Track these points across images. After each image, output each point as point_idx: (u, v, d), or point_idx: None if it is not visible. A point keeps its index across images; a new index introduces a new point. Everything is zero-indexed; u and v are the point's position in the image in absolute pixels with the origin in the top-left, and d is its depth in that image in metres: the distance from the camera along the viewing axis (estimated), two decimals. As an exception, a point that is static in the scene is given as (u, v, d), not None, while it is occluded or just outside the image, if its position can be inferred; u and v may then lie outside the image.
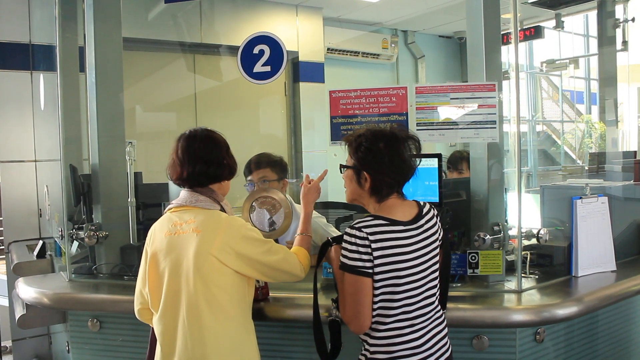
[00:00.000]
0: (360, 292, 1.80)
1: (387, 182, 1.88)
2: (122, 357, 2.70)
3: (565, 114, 10.44)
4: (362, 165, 1.88)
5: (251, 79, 2.72)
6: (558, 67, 7.53)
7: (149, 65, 5.05)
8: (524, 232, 2.43)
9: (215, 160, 2.04)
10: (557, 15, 6.30)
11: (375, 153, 1.86)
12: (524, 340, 2.27)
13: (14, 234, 4.19)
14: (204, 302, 1.90)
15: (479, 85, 2.31)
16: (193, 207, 1.98)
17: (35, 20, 4.19)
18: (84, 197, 3.14)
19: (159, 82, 5.12)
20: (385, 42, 6.53)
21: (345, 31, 6.24)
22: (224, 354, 1.93)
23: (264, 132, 5.84)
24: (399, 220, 1.84)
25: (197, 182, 2.02)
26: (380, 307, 1.82)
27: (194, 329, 1.91)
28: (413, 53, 6.98)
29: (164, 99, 5.22)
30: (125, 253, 3.02)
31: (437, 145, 3.89)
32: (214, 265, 1.89)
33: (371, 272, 1.78)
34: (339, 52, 6.23)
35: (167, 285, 1.95)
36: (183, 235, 1.94)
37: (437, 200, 2.32)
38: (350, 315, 1.84)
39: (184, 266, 1.92)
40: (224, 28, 5.14)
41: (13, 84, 4.20)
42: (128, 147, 3.08)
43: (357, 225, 1.80)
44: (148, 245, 2.04)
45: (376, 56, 6.55)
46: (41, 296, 2.74)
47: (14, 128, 4.21)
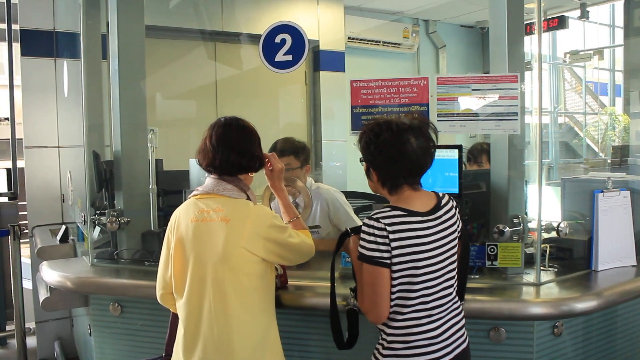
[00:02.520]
0: (378, 282, 1.81)
1: (390, 175, 1.87)
2: (142, 341, 2.75)
3: (588, 106, 10.29)
4: (366, 159, 1.90)
5: (273, 68, 2.72)
6: (582, 58, 7.42)
7: (170, 53, 5.08)
8: (543, 225, 2.41)
9: (249, 151, 2.06)
10: (582, 5, 6.20)
11: (375, 147, 1.85)
12: (541, 333, 2.26)
13: (37, 218, 4.26)
14: (231, 289, 1.93)
15: (501, 77, 2.29)
16: (220, 196, 2.00)
17: (60, 7, 4.23)
18: (107, 183, 3.19)
19: (180, 70, 5.15)
20: (406, 31, 6.48)
21: (367, 20, 6.20)
22: (249, 340, 1.96)
23: (283, 121, 5.85)
24: (417, 211, 1.84)
25: (228, 171, 2.04)
26: (398, 297, 1.83)
27: (220, 315, 1.94)
28: (434, 43, 6.93)
29: (185, 86, 5.24)
30: (146, 239, 3.06)
31: (457, 137, 3.88)
32: (243, 255, 1.92)
33: (389, 263, 1.79)
34: (359, 41, 6.20)
35: (192, 271, 1.98)
36: (211, 223, 1.96)
37: (456, 192, 2.31)
38: (368, 305, 1.85)
39: (212, 254, 1.94)
40: (244, 16, 5.14)
41: (37, 70, 4.24)
42: (150, 134, 3.12)
43: (375, 216, 1.81)
44: (172, 231, 2.06)
45: (397, 45, 6.51)
46: (64, 280, 2.80)
47: (38, 114, 4.27)
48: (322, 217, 3.00)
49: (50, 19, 4.26)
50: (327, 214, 3.02)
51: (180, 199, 3.10)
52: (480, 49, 7.23)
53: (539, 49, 2.27)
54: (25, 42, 4.22)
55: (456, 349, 1.91)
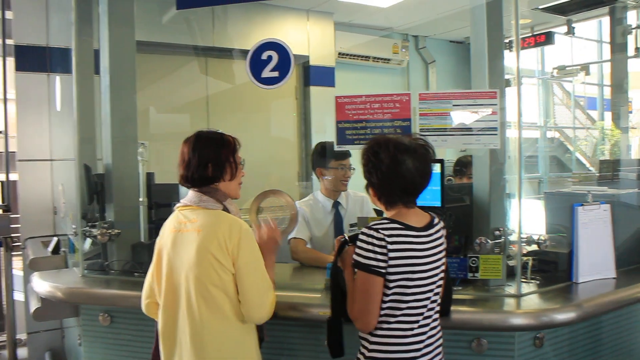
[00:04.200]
0: (371, 290, 1.86)
1: (385, 192, 1.94)
2: (131, 351, 2.78)
3: (577, 120, 10.39)
4: (366, 176, 1.97)
5: (260, 84, 2.78)
6: (569, 74, 7.53)
7: (162, 68, 5.14)
8: (525, 238, 2.47)
9: (212, 161, 2.10)
10: (569, 21, 6.32)
11: (372, 165, 1.93)
12: (522, 344, 2.30)
13: (30, 230, 4.28)
14: (201, 299, 1.98)
15: (481, 93, 2.36)
16: (197, 207, 2.07)
17: (53, 24, 4.29)
18: (98, 195, 3.23)
19: (172, 85, 5.21)
20: (395, 47, 6.57)
21: (357, 36, 6.29)
22: (221, 350, 2.01)
23: (275, 135, 5.90)
24: (413, 225, 1.91)
25: (195, 183, 2.10)
26: (388, 308, 1.88)
27: (193, 324, 1.99)
28: (424, 58, 7.02)
29: (177, 101, 5.30)
30: (136, 251, 3.10)
31: (448, 151, 3.94)
32: (212, 264, 1.97)
33: (384, 272, 1.85)
34: (350, 56, 6.27)
35: (166, 280, 2.06)
36: (186, 233, 2.03)
37: (439, 205, 2.37)
38: (358, 312, 1.90)
39: (184, 263, 2.01)
40: (236, 32, 5.21)
41: (31, 85, 4.29)
42: (140, 148, 3.17)
43: (375, 226, 1.87)
44: (157, 240, 2.15)
45: (387, 61, 6.59)
46: (55, 290, 2.84)
47: (31, 128, 4.30)
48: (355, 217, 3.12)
49: (43, 35, 4.31)
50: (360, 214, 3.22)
51: (170, 212, 3.14)
52: (469, 64, 7.28)
53: (517, 65, 2.34)
54: (19, 58, 4.27)
55: None
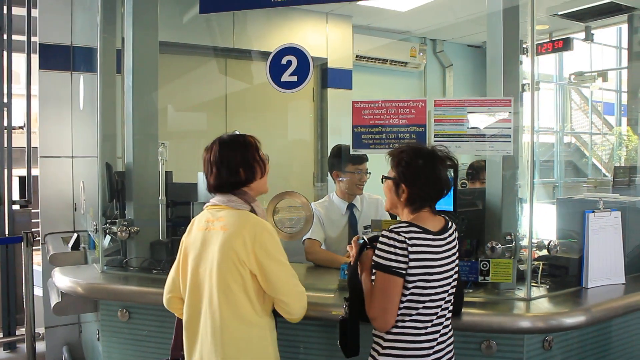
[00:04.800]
0: (390, 290, 1.94)
1: (421, 196, 2.03)
2: (149, 347, 2.85)
3: (594, 126, 10.33)
4: (401, 178, 2.03)
5: (279, 88, 2.84)
6: (586, 80, 7.50)
7: (182, 68, 5.21)
8: (536, 243, 2.51)
9: (242, 165, 2.14)
10: (587, 27, 6.29)
11: (414, 169, 2.01)
12: (532, 347, 2.34)
13: (50, 226, 4.38)
14: (222, 296, 2.03)
15: (495, 101, 2.40)
16: (226, 207, 2.12)
17: (77, 23, 4.39)
18: (118, 193, 3.31)
19: (191, 84, 5.28)
20: (413, 50, 6.60)
21: (375, 39, 6.32)
22: (239, 347, 2.05)
23: (291, 135, 5.95)
24: (429, 229, 1.99)
25: (222, 189, 2.15)
26: (405, 307, 1.96)
27: (213, 320, 2.05)
28: (441, 62, 7.03)
29: (195, 100, 5.37)
30: (155, 248, 3.18)
31: (463, 156, 3.97)
32: (234, 263, 2.02)
33: (404, 273, 1.93)
34: (367, 59, 6.31)
35: (191, 277, 2.12)
36: (213, 231, 2.09)
37: (451, 209, 2.41)
38: (377, 312, 1.97)
39: (209, 261, 2.07)
40: (255, 34, 5.27)
41: (54, 83, 4.39)
42: (160, 147, 3.24)
43: (395, 229, 1.96)
44: (185, 237, 2.20)
45: (404, 64, 6.62)
46: (75, 285, 2.92)
47: (53, 125, 4.41)
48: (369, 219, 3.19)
49: (68, 34, 4.41)
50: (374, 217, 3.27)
51: (188, 210, 3.22)
52: (486, 69, 7.31)
53: (532, 71, 2.38)
54: (43, 56, 4.37)
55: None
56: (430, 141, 2.51)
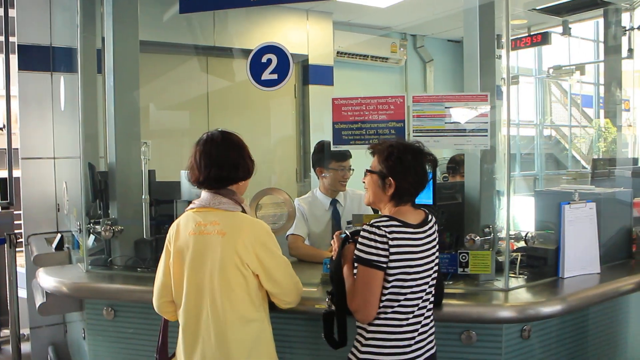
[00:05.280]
0: (371, 283, 1.98)
1: (408, 190, 2.07)
2: (135, 344, 2.86)
3: (573, 118, 10.49)
4: (390, 172, 2.07)
5: (259, 86, 2.87)
6: (565, 73, 7.62)
7: (163, 67, 5.21)
8: (514, 234, 2.57)
9: (229, 162, 2.14)
10: (564, 22, 6.40)
11: (404, 163, 2.06)
12: (510, 336, 2.41)
13: (33, 227, 4.36)
14: (226, 300, 2.05)
15: (473, 96, 2.45)
16: (216, 209, 2.10)
17: (56, 23, 4.35)
18: (101, 193, 3.32)
19: (172, 83, 5.27)
20: (394, 46, 6.64)
21: (355, 35, 6.36)
22: (244, 349, 2.08)
23: (274, 132, 5.97)
24: (410, 222, 2.04)
25: (213, 185, 2.14)
26: (387, 300, 2.00)
27: (217, 323, 2.06)
28: (422, 57, 7.09)
29: (177, 99, 5.37)
30: (139, 247, 3.19)
31: (445, 151, 4.03)
32: (237, 266, 2.04)
33: (385, 267, 1.97)
34: (348, 55, 6.35)
35: (189, 281, 2.10)
36: (208, 236, 2.07)
37: (431, 202, 2.46)
38: (359, 304, 2.01)
39: (208, 266, 2.06)
40: (236, 31, 5.28)
41: (34, 84, 4.36)
42: (143, 147, 3.25)
43: (376, 223, 2.00)
44: (170, 242, 2.16)
45: (385, 60, 6.67)
46: (60, 285, 2.92)
47: (34, 126, 4.37)
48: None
49: (47, 34, 4.38)
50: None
51: (172, 208, 3.24)
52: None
53: (507, 66, 2.43)
54: (22, 57, 4.34)
55: (426, 353, 2.09)
56: (409, 137, 2.55)
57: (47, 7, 4.37)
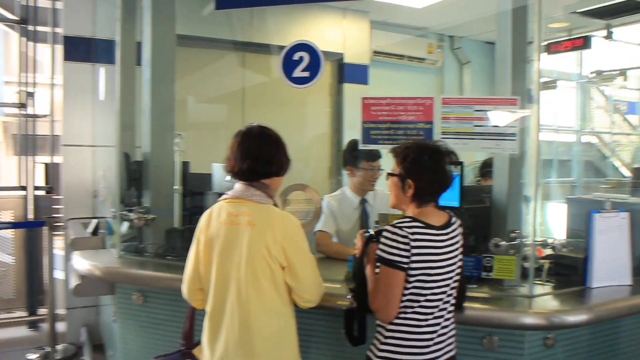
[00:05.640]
0: (393, 283, 2.00)
1: (427, 191, 2.08)
2: (163, 329, 2.95)
3: (616, 125, 10.19)
4: (408, 173, 2.08)
5: (291, 83, 2.91)
6: (606, 78, 7.42)
7: (201, 61, 5.30)
8: (540, 241, 2.54)
9: (265, 157, 2.17)
10: (607, 25, 6.24)
11: (420, 164, 2.07)
12: (533, 343, 2.38)
13: (71, 212, 4.51)
14: (252, 290, 2.08)
15: (502, 99, 2.44)
16: (248, 201, 2.14)
17: (100, 16, 4.48)
18: (135, 182, 3.41)
19: (210, 77, 5.36)
20: (430, 46, 6.60)
21: (392, 35, 6.33)
22: (267, 337, 2.11)
23: (308, 129, 6.01)
24: (433, 224, 2.04)
25: (247, 177, 2.18)
26: (407, 300, 2.01)
27: (242, 314, 2.10)
28: (459, 58, 7.02)
29: (214, 92, 5.45)
30: (170, 235, 3.27)
31: (478, 154, 3.99)
32: (265, 258, 2.07)
33: (406, 267, 1.98)
34: (384, 55, 6.34)
35: (217, 270, 2.15)
36: (238, 226, 2.11)
37: (457, 205, 2.46)
38: (380, 304, 2.04)
39: (236, 255, 2.10)
40: (274, 28, 5.33)
41: (77, 74, 4.50)
42: (177, 138, 3.33)
43: (398, 224, 2.01)
44: (202, 230, 2.21)
45: (421, 60, 6.63)
46: (93, 268, 3.04)
47: (76, 115, 4.52)
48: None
49: (90, 26, 4.51)
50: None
51: (203, 200, 3.31)
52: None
53: (537, 71, 2.38)
54: (67, 48, 4.49)
55: (445, 355, 2.09)
56: (436, 138, 2.55)
57: (91, 0, 4.50)
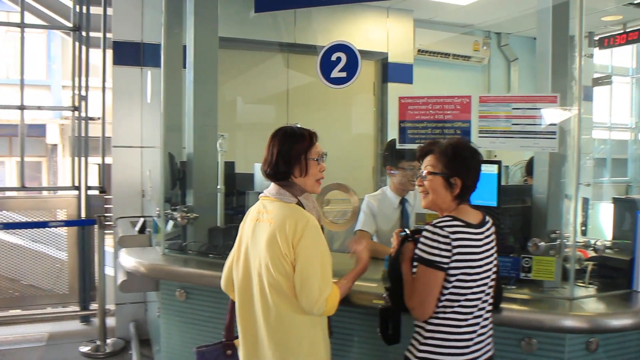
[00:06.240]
0: (430, 283, 1.99)
1: (470, 188, 2.08)
2: (205, 325, 3.02)
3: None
4: (456, 171, 2.07)
5: (329, 84, 2.94)
6: (664, 74, 7.11)
7: (246, 63, 5.38)
8: (582, 242, 2.47)
9: (283, 157, 2.19)
10: (664, 18, 5.98)
11: (466, 162, 2.07)
12: (574, 347, 2.32)
13: (120, 210, 4.69)
14: (270, 285, 2.13)
15: (541, 97, 2.38)
16: (275, 199, 2.19)
17: (147, 21, 4.64)
18: (180, 182, 3.51)
19: (254, 78, 5.45)
20: (476, 44, 6.48)
21: (437, 33, 6.26)
22: (289, 333, 2.14)
23: (352, 129, 6.01)
24: (471, 222, 2.03)
25: (272, 177, 2.23)
26: (446, 299, 2.00)
27: (265, 307, 2.15)
28: (506, 55, 6.87)
29: (259, 94, 5.53)
30: (212, 234, 3.35)
31: (528, 153, 3.90)
32: (278, 256, 2.10)
33: (446, 267, 1.97)
34: (429, 53, 6.27)
35: (242, 265, 2.23)
36: (262, 223, 2.18)
37: (495, 205, 2.42)
38: (417, 302, 2.03)
39: (257, 252, 2.17)
40: (317, 29, 5.36)
41: (126, 78, 4.69)
42: (219, 139, 3.41)
43: (439, 224, 2.00)
44: (240, 227, 2.31)
45: (467, 58, 6.52)
46: (139, 265, 3.15)
47: (125, 117, 4.71)
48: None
49: (138, 31, 4.68)
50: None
51: (245, 199, 3.37)
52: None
53: (579, 67, 2.30)
54: (117, 52, 4.67)
55: (484, 355, 2.07)
56: (474, 137, 2.52)
57: (139, 5, 4.67)
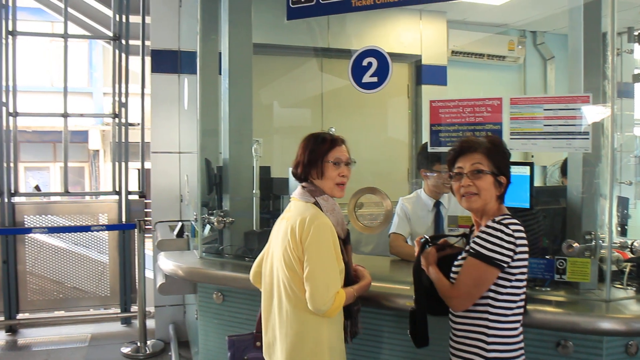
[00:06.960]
0: (483, 278, 1.98)
1: (507, 187, 2.08)
2: (240, 328, 3.06)
3: None
4: (504, 170, 2.07)
5: (360, 89, 2.97)
6: None
7: (281, 68, 5.45)
8: (618, 243, 2.44)
9: (301, 161, 2.30)
10: None
11: (507, 160, 2.09)
12: (612, 350, 2.28)
13: (159, 215, 4.81)
14: (281, 282, 2.22)
15: (573, 97, 2.35)
16: (297, 199, 2.30)
17: (183, 29, 4.77)
18: (216, 186, 3.59)
19: (289, 83, 5.51)
20: (511, 43, 6.39)
21: (470, 33, 6.19)
22: (296, 329, 2.19)
23: (387, 132, 6.01)
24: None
25: (297, 178, 2.35)
26: (504, 300, 2.00)
27: (278, 304, 2.24)
28: (542, 54, 6.74)
29: (293, 98, 5.59)
30: (248, 238, 3.42)
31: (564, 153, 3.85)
32: (289, 253, 2.17)
33: (505, 266, 1.96)
34: (463, 54, 6.21)
35: (269, 262, 2.33)
36: (283, 221, 2.28)
37: (527, 206, 2.41)
38: (463, 293, 2.02)
39: (276, 249, 2.27)
40: (350, 33, 5.38)
41: (164, 85, 4.82)
42: (255, 144, 3.47)
43: (504, 222, 1.98)
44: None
45: (502, 58, 6.44)
46: (177, 269, 3.23)
47: (164, 123, 4.84)
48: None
49: (175, 39, 4.81)
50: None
51: (279, 203, 3.43)
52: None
53: (612, 66, 2.28)
54: (155, 60, 4.81)
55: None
56: (506, 139, 2.50)
57: (176, 14, 4.79)
